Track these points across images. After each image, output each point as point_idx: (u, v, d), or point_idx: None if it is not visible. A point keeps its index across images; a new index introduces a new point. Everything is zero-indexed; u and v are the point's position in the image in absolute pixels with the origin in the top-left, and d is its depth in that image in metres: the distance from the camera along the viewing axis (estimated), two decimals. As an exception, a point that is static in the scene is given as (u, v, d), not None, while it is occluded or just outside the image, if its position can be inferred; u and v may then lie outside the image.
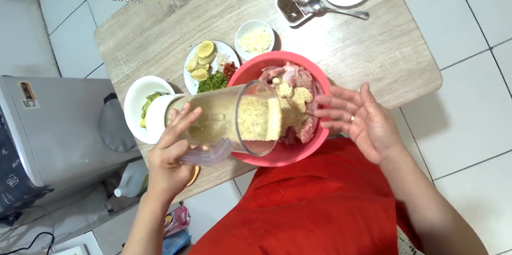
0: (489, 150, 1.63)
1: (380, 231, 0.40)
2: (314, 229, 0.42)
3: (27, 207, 1.51)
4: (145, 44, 1.11)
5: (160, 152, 0.54)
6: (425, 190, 0.53)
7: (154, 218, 0.57)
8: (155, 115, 0.76)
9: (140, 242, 0.56)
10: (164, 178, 0.56)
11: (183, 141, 0.55)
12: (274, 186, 0.68)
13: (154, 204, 0.57)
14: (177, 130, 0.56)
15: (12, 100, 1.41)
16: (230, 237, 0.47)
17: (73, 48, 2.63)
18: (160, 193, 0.56)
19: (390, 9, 0.80)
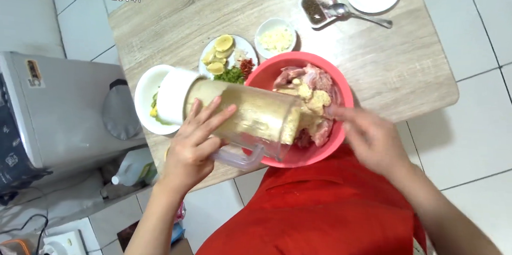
0: (492, 166, 1.63)
1: (396, 240, 0.40)
2: (330, 232, 0.42)
3: (24, 187, 1.50)
4: (161, 32, 1.09)
5: (193, 150, 0.53)
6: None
7: (171, 209, 0.57)
8: (174, 92, 0.62)
9: (153, 231, 0.55)
10: (192, 175, 0.56)
11: (216, 139, 0.54)
12: (288, 187, 0.68)
13: (174, 197, 0.56)
14: (212, 127, 0.55)
15: (18, 77, 1.39)
16: (245, 235, 0.46)
17: (80, 30, 2.60)
18: (182, 187, 0.56)
19: (414, 20, 0.80)
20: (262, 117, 0.54)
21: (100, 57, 2.53)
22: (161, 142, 1.07)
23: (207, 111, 0.57)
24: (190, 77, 0.63)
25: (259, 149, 0.54)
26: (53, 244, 1.47)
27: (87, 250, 1.54)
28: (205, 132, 0.54)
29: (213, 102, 0.58)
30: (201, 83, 0.63)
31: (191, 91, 0.62)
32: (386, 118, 0.56)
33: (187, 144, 0.53)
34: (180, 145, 0.54)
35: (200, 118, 0.57)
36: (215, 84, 0.63)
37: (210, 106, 0.58)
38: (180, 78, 0.63)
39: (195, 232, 2.25)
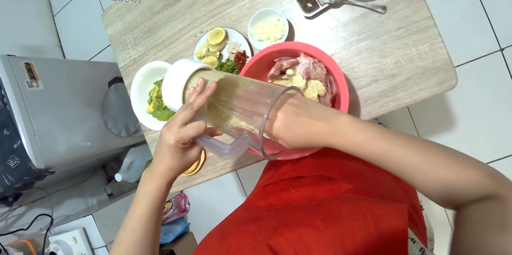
0: (494, 152, 1.62)
1: (390, 232, 0.39)
2: (323, 229, 0.41)
3: (27, 188, 1.51)
4: (154, 28, 1.08)
5: (176, 131, 0.52)
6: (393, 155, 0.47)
7: (158, 195, 0.56)
8: (176, 79, 0.63)
9: (141, 218, 0.55)
10: (175, 157, 0.54)
11: (200, 122, 0.54)
12: (284, 184, 0.67)
13: (159, 181, 0.56)
14: (195, 106, 0.54)
15: (16, 80, 1.39)
16: (239, 234, 0.46)
17: (78, 30, 2.60)
18: (168, 171, 0.55)
19: (409, 4, 0.78)
20: (251, 107, 0.53)
21: (99, 55, 2.53)
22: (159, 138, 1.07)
23: (194, 94, 0.58)
24: (193, 66, 0.64)
25: (242, 138, 0.52)
26: (58, 242, 1.49)
27: (92, 247, 1.55)
28: (188, 112, 0.54)
29: (198, 84, 0.58)
30: (204, 73, 0.64)
31: (191, 79, 0.62)
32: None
33: (172, 125, 0.53)
34: (166, 126, 0.54)
35: (188, 102, 0.57)
36: (214, 73, 0.63)
37: (196, 88, 0.58)
38: (184, 67, 0.64)
39: (200, 225, 2.27)
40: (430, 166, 0.45)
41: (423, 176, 0.45)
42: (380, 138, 0.48)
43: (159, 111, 0.99)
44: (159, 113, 0.99)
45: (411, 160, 0.46)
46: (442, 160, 0.45)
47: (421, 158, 0.46)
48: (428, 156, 0.46)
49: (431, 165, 0.45)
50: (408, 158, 0.46)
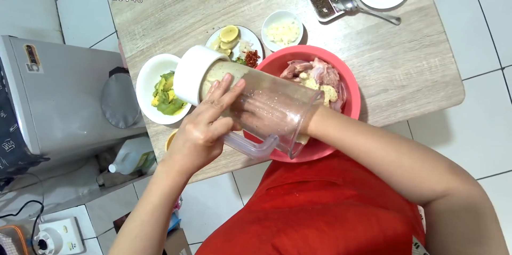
0: (489, 168, 1.64)
1: (395, 236, 0.40)
2: (328, 231, 0.42)
3: (20, 173, 1.49)
4: (165, 21, 1.07)
5: (205, 129, 0.50)
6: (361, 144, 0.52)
7: (174, 191, 0.54)
8: (193, 67, 0.59)
9: (153, 212, 0.53)
10: (201, 155, 0.53)
11: (229, 119, 0.52)
12: (288, 188, 0.67)
13: (179, 178, 0.54)
14: (224, 104, 0.52)
15: (16, 62, 1.37)
16: (243, 234, 0.46)
17: (80, 16, 2.56)
18: (191, 168, 0.54)
19: (423, 17, 0.79)
20: (281, 108, 0.53)
21: (99, 44, 2.50)
22: (162, 132, 1.06)
23: (219, 90, 0.55)
24: (212, 55, 0.60)
25: (272, 139, 0.52)
26: (48, 230, 1.47)
27: (83, 238, 1.53)
28: (217, 110, 0.52)
29: (224, 79, 0.56)
30: (223, 64, 0.60)
31: (211, 69, 0.59)
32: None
33: (199, 122, 0.50)
34: (192, 124, 0.51)
35: (213, 97, 0.54)
36: (236, 66, 0.60)
37: (222, 84, 0.55)
38: (202, 55, 0.60)
39: (191, 222, 2.26)
40: (396, 155, 0.49)
41: (389, 166, 0.49)
42: (351, 127, 0.53)
43: (164, 104, 0.98)
44: (164, 106, 0.98)
45: (377, 149, 0.50)
46: (406, 150, 0.49)
47: (387, 147, 0.50)
48: (394, 146, 0.50)
49: (397, 154, 0.49)
50: (374, 147, 0.50)
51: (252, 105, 0.55)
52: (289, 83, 0.58)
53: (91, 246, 1.53)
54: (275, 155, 0.73)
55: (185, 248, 2.16)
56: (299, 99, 0.53)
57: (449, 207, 0.44)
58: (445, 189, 0.45)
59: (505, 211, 1.57)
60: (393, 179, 0.50)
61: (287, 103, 0.53)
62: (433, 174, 0.47)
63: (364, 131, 0.52)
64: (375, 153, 0.50)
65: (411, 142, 0.51)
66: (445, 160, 0.48)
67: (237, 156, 0.95)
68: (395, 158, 0.49)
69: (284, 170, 0.77)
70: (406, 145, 0.50)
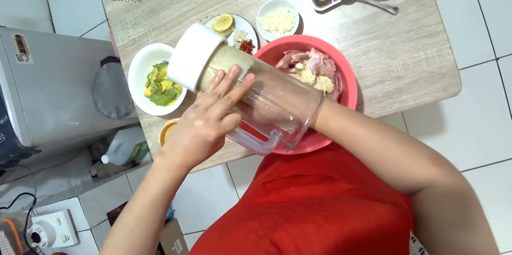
0: (482, 158, 1.66)
1: (392, 230, 0.40)
2: (325, 225, 0.41)
3: (11, 166, 1.46)
4: (157, 9, 1.05)
5: (217, 126, 0.49)
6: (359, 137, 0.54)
7: (176, 184, 0.54)
8: (195, 51, 0.54)
9: (152, 206, 0.52)
10: (207, 151, 0.52)
11: (238, 116, 0.51)
12: (284, 182, 0.67)
13: (180, 172, 0.53)
14: (233, 100, 0.51)
15: (5, 52, 1.34)
16: (240, 230, 0.46)
17: (70, 4, 2.51)
18: (195, 163, 0.53)
19: (421, 7, 0.78)
20: (287, 107, 0.52)
21: (90, 33, 2.44)
22: (155, 123, 1.05)
23: (226, 82, 0.52)
24: (216, 38, 0.55)
25: (277, 137, 0.52)
26: (41, 223, 1.45)
27: (77, 230, 1.52)
28: (227, 106, 0.50)
29: (231, 71, 0.53)
30: (226, 49, 0.56)
31: (215, 55, 0.55)
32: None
33: (210, 118, 0.49)
34: (201, 119, 0.49)
35: (219, 90, 0.52)
36: (241, 55, 0.57)
37: (228, 76, 0.53)
38: (205, 36, 0.55)
39: (185, 212, 2.26)
40: (381, 144, 0.51)
41: (375, 156, 0.52)
42: (342, 116, 0.55)
43: (157, 95, 0.97)
44: (157, 97, 0.97)
45: (364, 138, 0.53)
46: (392, 141, 0.51)
47: (373, 136, 0.52)
48: (381, 135, 0.52)
49: (382, 143, 0.51)
50: (362, 137, 0.53)
51: (257, 100, 0.53)
52: (294, 80, 0.57)
53: (85, 238, 1.52)
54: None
55: (179, 238, 2.17)
56: (305, 99, 0.52)
57: (432, 197, 0.45)
58: (429, 180, 0.47)
59: (498, 199, 1.61)
60: (379, 169, 0.53)
61: (294, 102, 0.52)
62: (417, 165, 0.48)
63: (356, 120, 0.54)
64: (362, 141, 0.53)
65: (398, 133, 0.52)
66: (430, 151, 0.50)
67: (232, 147, 0.94)
68: (380, 148, 0.51)
69: (280, 164, 0.77)
70: (392, 136, 0.52)
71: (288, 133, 0.53)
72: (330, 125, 0.54)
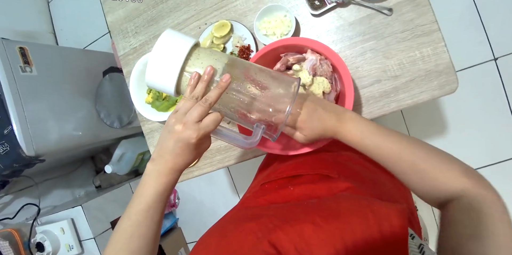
0: (484, 158, 1.65)
1: (391, 228, 0.40)
2: (323, 225, 0.41)
3: (15, 176, 1.47)
4: (157, 18, 1.07)
5: (196, 128, 0.51)
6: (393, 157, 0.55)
7: (169, 189, 0.55)
8: (169, 57, 0.54)
9: (147, 211, 0.54)
10: (193, 153, 0.54)
11: (217, 115, 0.52)
12: (283, 182, 0.67)
13: (172, 176, 0.54)
14: (211, 102, 0.51)
15: (9, 64, 1.36)
16: (239, 232, 0.46)
17: (72, 18, 2.56)
18: (183, 165, 0.55)
19: (415, 7, 0.79)
20: (266, 99, 0.53)
21: (93, 45, 2.49)
22: (156, 129, 1.06)
23: (202, 84, 0.53)
24: (188, 41, 0.55)
25: (260, 129, 0.53)
26: (45, 233, 1.46)
27: (80, 239, 1.52)
28: (205, 108, 0.51)
29: (206, 73, 0.53)
30: (200, 51, 0.57)
31: (189, 59, 0.55)
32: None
33: (189, 122, 0.51)
34: (181, 123, 0.51)
35: (196, 93, 0.53)
36: (214, 55, 0.57)
37: (204, 78, 0.53)
38: (177, 41, 0.55)
39: (188, 221, 2.25)
40: (413, 157, 0.53)
41: (407, 169, 0.53)
42: (377, 133, 0.57)
43: (158, 101, 0.98)
44: (158, 103, 0.98)
45: (396, 153, 0.54)
46: (423, 154, 0.53)
47: (406, 151, 0.54)
48: (412, 149, 0.54)
49: (414, 157, 0.53)
50: (394, 152, 0.54)
51: (236, 97, 0.54)
52: (269, 71, 0.58)
53: (89, 247, 1.52)
54: (268, 148, 0.73)
55: (184, 247, 2.16)
56: (282, 88, 0.53)
57: (457, 207, 0.46)
58: (460, 190, 0.47)
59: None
60: (412, 181, 0.54)
61: (272, 93, 0.53)
62: (448, 176, 0.50)
63: (386, 135, 0.57)
64: (395, 157, 0.54)
65: (427, 145, 0.54)
66: (459, 164, 0.51)
67: (232, 151, 0.95)
68: (412, 162, 0.53)
69: (278, 165, 0.77)
70: (422, 149, 0.54)
71: (272, 125, 0.54)
72: (365, 142, 0.57)
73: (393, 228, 0.40)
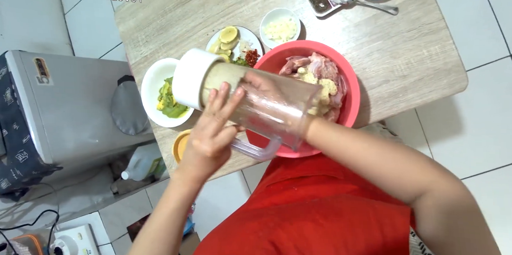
0: (501, 159, 1.60)
1: (392, 227, 0.39)
2: (323, 223, 0.41)
3: (34, 183, 1.52)
4: (166, 26, 1.09)
5: (211, 143, 0.53)
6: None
7: (191, 197, 0.58)
8: (190, 76, 0.58)
9: (170, 217, 0.57)
10: (212, 165, 0.57)
11: (233, 129, 0.55)
12: (288, 183, 0.68)
13: (194, 185, 0.58)
14: (225, 116, 0.54)
15: (27, 75, 1.41)
16: (240, 232, 0.47)
17: (88, 28, 2.63)
18: (204, 177, 0.58)
19: (420, 6, 0.79)
20: (283, 106, 0.53)
21: (108, 54, 2.55)
22: (168, 135, 1.08)
23: (218, 101, 0.56)
24: (207, 60, 0.59)
25: (276, 140, 0.54)
26: (64, 238, 1.49)
27: (98, 244, 1.55)
28: (220, 123, 0.54)
29: (221, 88, 0.56)
30: (219, 68, 0.59)
31: (207, 76, 0.58)
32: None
33: (204, 137, 0.54)
34: (197, 139, 0.54)
35: (213, 109, 0.56)
36: (231, 70, 0.59)
37: (220, 93, 0.56)
38: (197, 61, 0.59)
39: (205, 226, 2.26)
40: (379, 155, 0.51)
41: (375, 165, 0.51)
42: (332, 129, 0.55)
43: (169, 108, 1.00)
44: (169, 110, 1.00)
45: (363, 152, 0.53)
46: (389, 150, 0.52)
47: (371, 149, 0.52)
48: (377, 147, 0.52)
49: (380, 154, 0.51)
50: (360, 150, 0.53)
51: (253, 108, 0.56)
52: (286, 80, 0.58)
53: (106, 252, 1.54)
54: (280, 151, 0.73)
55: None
56: (298, 98, 0.53)
57: (435, 201, 0.45)
58: (429, 185, 0.46)
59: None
60: (380, 179, 0.52)
61: (287, 104, 0.53)
62: (416, 168, 0.49)
63: (350, 136, 0.55)
64: (361, 155, 0.53)
65: (391, 142, 0.53)
66: (426, 158, 0.50)
67: (242, 155, 0.95)
68: (380, 159, 0.51)
69: (285, 167, 0.78)
70: (388, 146, 0.52)
71: (289, 134, 0.54)
72: (323, 139, 0.56)
73: (394, 225, 0.39)
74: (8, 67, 1.40)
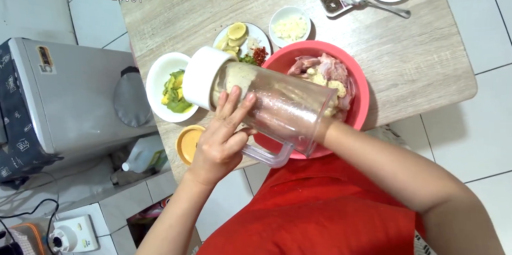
0: (505, 164, 1.60)
1: (396, 229, 0.39)
2: (327, 225, 0.41)
3: (35, 172, 1.52)
4: (173, 20, 1.08)
5: (221, 149, 0.53)
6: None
7: (202, 198, 0.59)
8: (200, 76, 0.57)
9: (181, 217, 0.57)
10: (221, 170, 0.57)
11: (243, 136, 0.54)
12: (292, 184, 0.68)
13: (205, 187, 0.58)
14: (236, 122, 0.53)
15: (30, 63, 1.40)
16: (244, 232, 0.47)
17: (92, 17, 2.60)
18: (215, 179, 0.58)
19: (433, 10, 0.78)
20: (295, 111, 0.52)
21: (112, 44, 2.53)
22: (172, 129, 1.07)
23: (228, 105, 0.55)
24: (218, 60, 0.57)
25: (288, 147, 0.53)
26: (63, 228, 1.50)
27: (97, 235, 1.56)
28: (230, 129, 0.53)
29: (232, 93, 0.55)
30: (229, 69, 0.58)
31: (217, 77, 0.58)
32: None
33: (214, 143, 0.53)
34: (207, 144, 0.54)
35: (224, 113, 0.55)
36: (242, 72, 0.57)
37: (230, 98, 0.55)
38: (208, 60, 0.58)
39: (204, 220, 2.25)
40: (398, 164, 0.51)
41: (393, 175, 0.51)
42: (353, 137, 0.55)
43: (174, 102, 0.99)
44: (174, 104, 0.99)
45: (376, 158, 0.52)
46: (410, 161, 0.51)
47: (390, 158, 0.52)
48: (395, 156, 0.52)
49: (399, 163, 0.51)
50: (374, 156, 0.52)
51: (265, 112, 0.55)
52: (300, 83, 0.56)
53: (105, 243, 1.55)
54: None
55: (198, 246, 2.18)
56: (313, 101, 0.52)
57: (456, 208, 0.45)
58: (448, 194, 0.47)
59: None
60: (397, 189, 0.52)
61: (301, 109, 0.52)
62: (435, 183, 0.49)
63: (375, 147, 0.54)
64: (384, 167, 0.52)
65: (412, 153, 0.53)
66: (443, 169, 0.50)
67: (246, 153, 0.95)
68: (401, 170, 0.51)
69: (288, 168, 0.78)
70: (410, 158, 0.52)
71: (301, 140, 0.53)
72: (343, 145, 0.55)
73: (399, 228, 0.39)
74: (11, 54, 1.38)
